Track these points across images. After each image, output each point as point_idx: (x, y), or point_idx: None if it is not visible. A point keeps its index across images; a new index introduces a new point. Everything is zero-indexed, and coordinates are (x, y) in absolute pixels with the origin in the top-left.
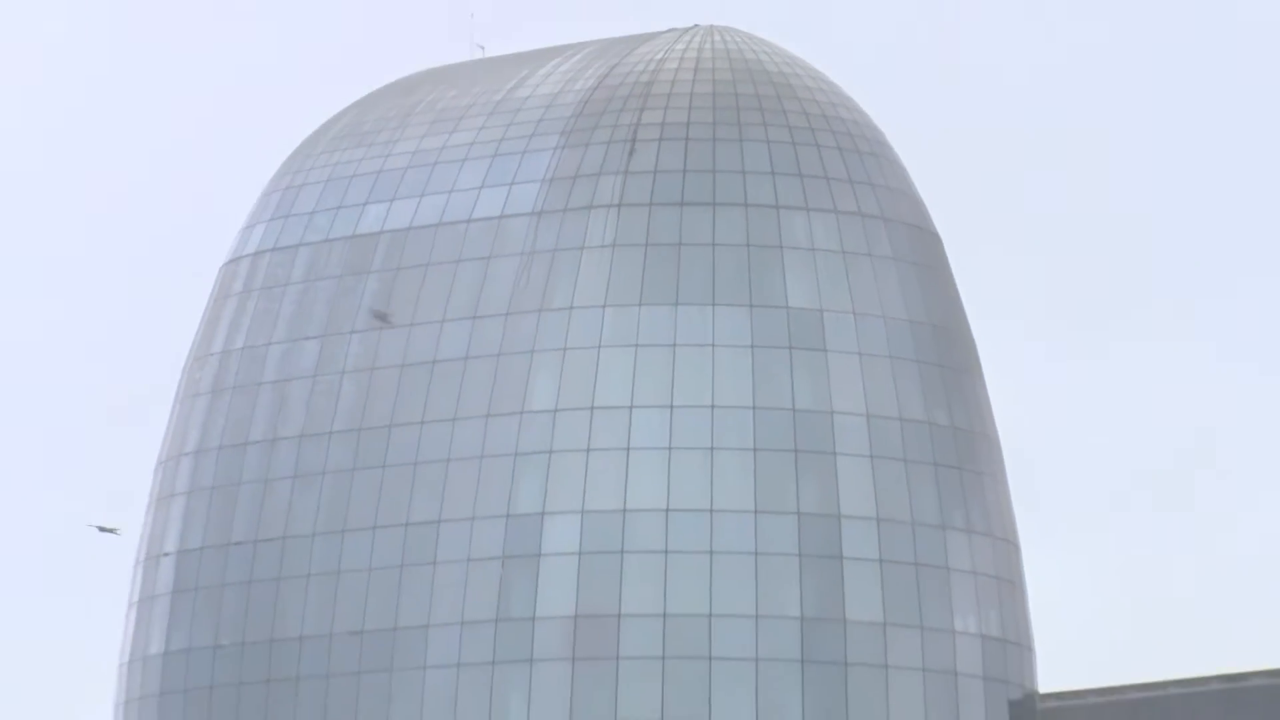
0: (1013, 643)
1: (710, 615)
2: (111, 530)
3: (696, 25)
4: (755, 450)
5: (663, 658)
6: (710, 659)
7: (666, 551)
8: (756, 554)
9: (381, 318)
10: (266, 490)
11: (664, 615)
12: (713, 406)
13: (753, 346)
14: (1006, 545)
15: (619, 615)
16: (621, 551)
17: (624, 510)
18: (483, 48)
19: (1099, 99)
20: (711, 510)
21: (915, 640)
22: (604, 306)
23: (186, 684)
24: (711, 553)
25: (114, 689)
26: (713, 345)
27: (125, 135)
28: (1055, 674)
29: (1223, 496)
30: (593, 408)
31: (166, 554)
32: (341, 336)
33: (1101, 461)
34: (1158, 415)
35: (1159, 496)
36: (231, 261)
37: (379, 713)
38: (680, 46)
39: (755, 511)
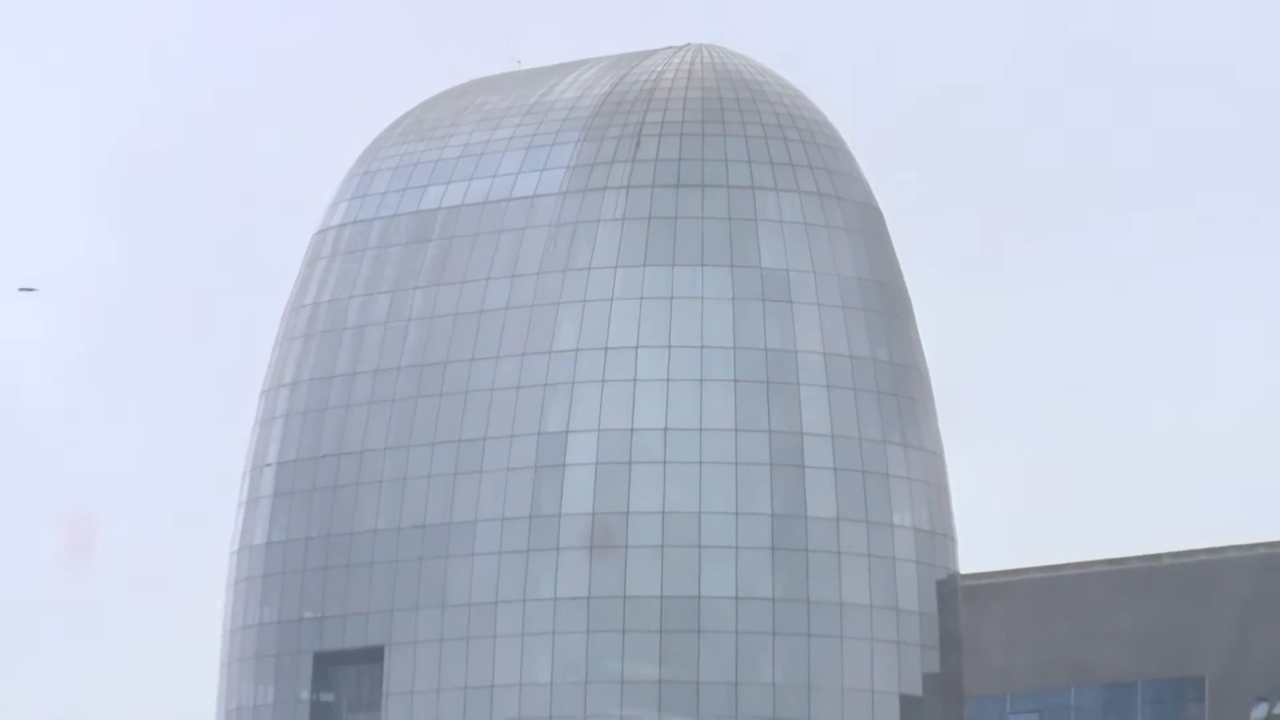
0: (939, 534)
1: (700, 513)
2: (30, 289)
3: (689, 44)
4: (735, 381)
5: (661, 546)
6: (700, 547)
7: (665, 462)
8: (736, 464)
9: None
10: (347, 414)
11: (663, 513)
12: (701, 347)
13: (733, 299)
14: (934, 456)
15: (627, 513)
16: (630, 462)
17: (631, 430)
18: (519, 61)
19: (1010, 99)
20: (701, 429)
21: (862, 532)
22: (615, 268)
23: (284, 568)
24: (701, 463)
25: (226, 572)
26: (701, 298)
27: (239, 128)
28: (973, 559)
29: (1108, 414)
30: (606, 348)
31: (268, 465)
32: (407, 292)
33: (1009, 385)
34: (1055, 351)
35: (1057, 413)
36: (320, 232)
37: (436, 591)
38: (676, 61)
39: (735, 430)
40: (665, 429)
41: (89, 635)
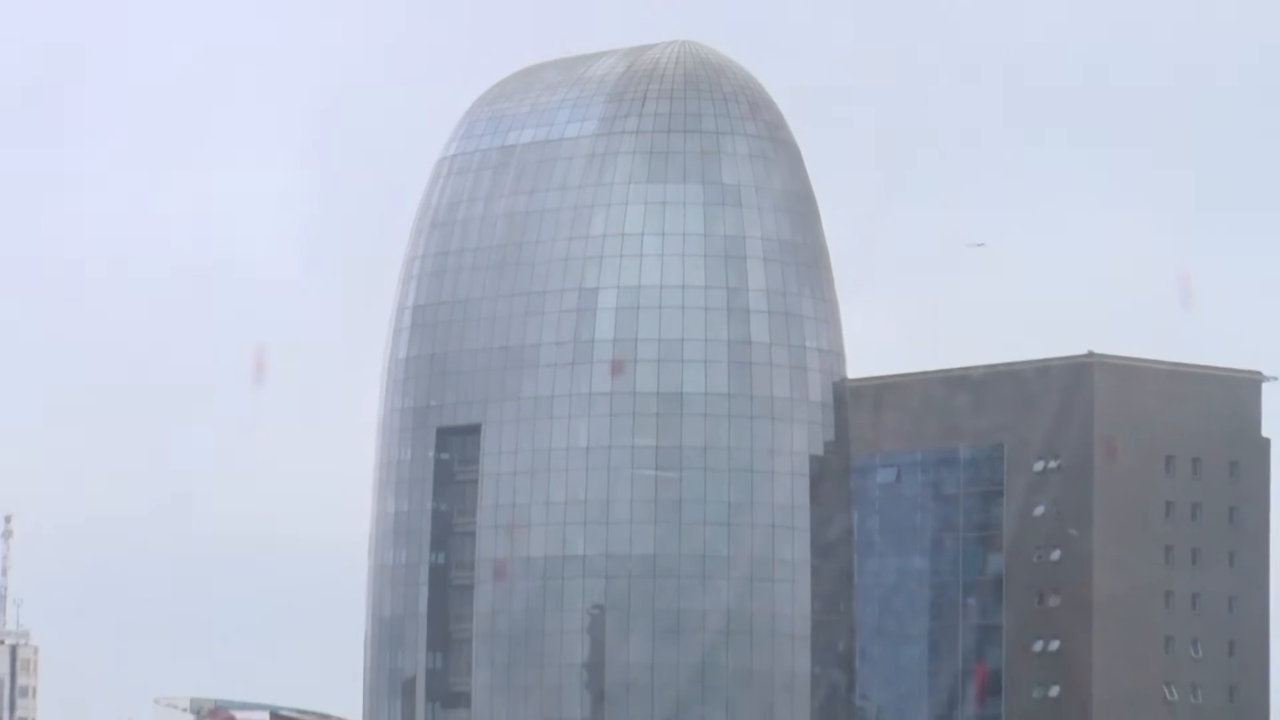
0: (834, 353)
1: (683, 340)
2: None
3: (677, 40)
4: (705, 256)
5: (658, 360)
6: (682, 361)
7: (660, 307)
8: (706, 309)
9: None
10: (457, 276)
11: (659, 340)
12: (684, 234)
13: (704, 204)
14: (832, 304)
15: (636, 340)
16: (638, 307)
17: (639, 286)
18: (567, 48)
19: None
20: (683, 287)
21: (785, 352)
22: (629, 184)
23: (417, 373)
24: (683, 308)
25: (380, 377)
26: (684, 203)
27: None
28: (856, 369)
29: (954, 276)
30: (623, 235)
31: (408, 308)
32: (496, 198)
33: (885, 254)
34: (917, 225)
35: (918, 273)
36: (441, 160)
37: (514, 388)
38: (669, 52)
39: (705, 287)
40: (660, 286)
41: (277, 426)
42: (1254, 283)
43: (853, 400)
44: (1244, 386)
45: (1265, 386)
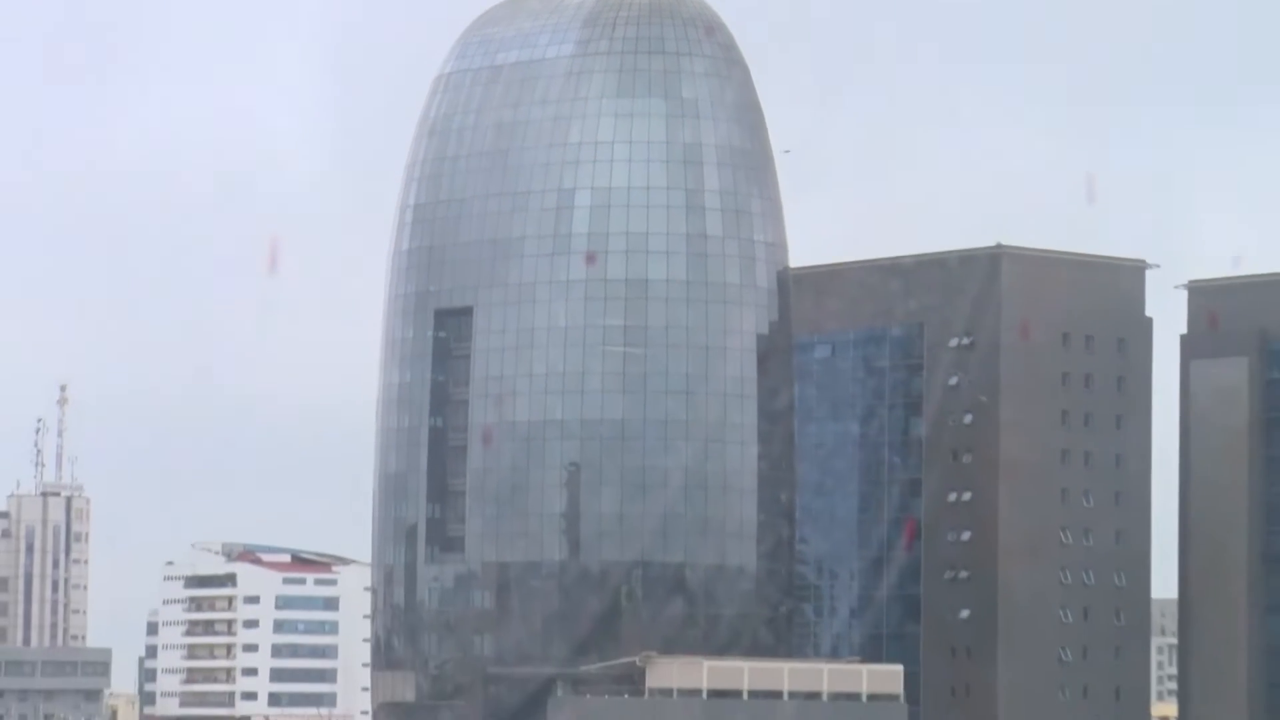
0: (778, 245)
1: (647, 234)
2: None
3: None
4: (667, 161)
5: (626, 252)
6: (646, 253)
7: (628, 206)
8: (668, 207)
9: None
10: (453, 177)
11: (627, 233)
12: (649, 142)
13: (666, 115)
14: (776, 203)
15: (607, 233)
16: (609, 205)
17: (609, 188)
18: None
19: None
20: (648, 188)
21: (735, 244)
22: (601, 98)
23: (418, 263)
24: (648, 206)
25: (386, 268)
26: (649, 115)
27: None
28: (798, 259)
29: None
30: (596, 142)
31: (410, 205)
32: (487, 111)
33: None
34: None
35: (853, 173)
36: (438, 77)
37: (502, 274)
38: None
39: (667, 188)
40: (628, 187)
41: (300, 308)
42: (1141, 180)
43: (795, 286)
44: (1130, 273)
45: (1148, 273)
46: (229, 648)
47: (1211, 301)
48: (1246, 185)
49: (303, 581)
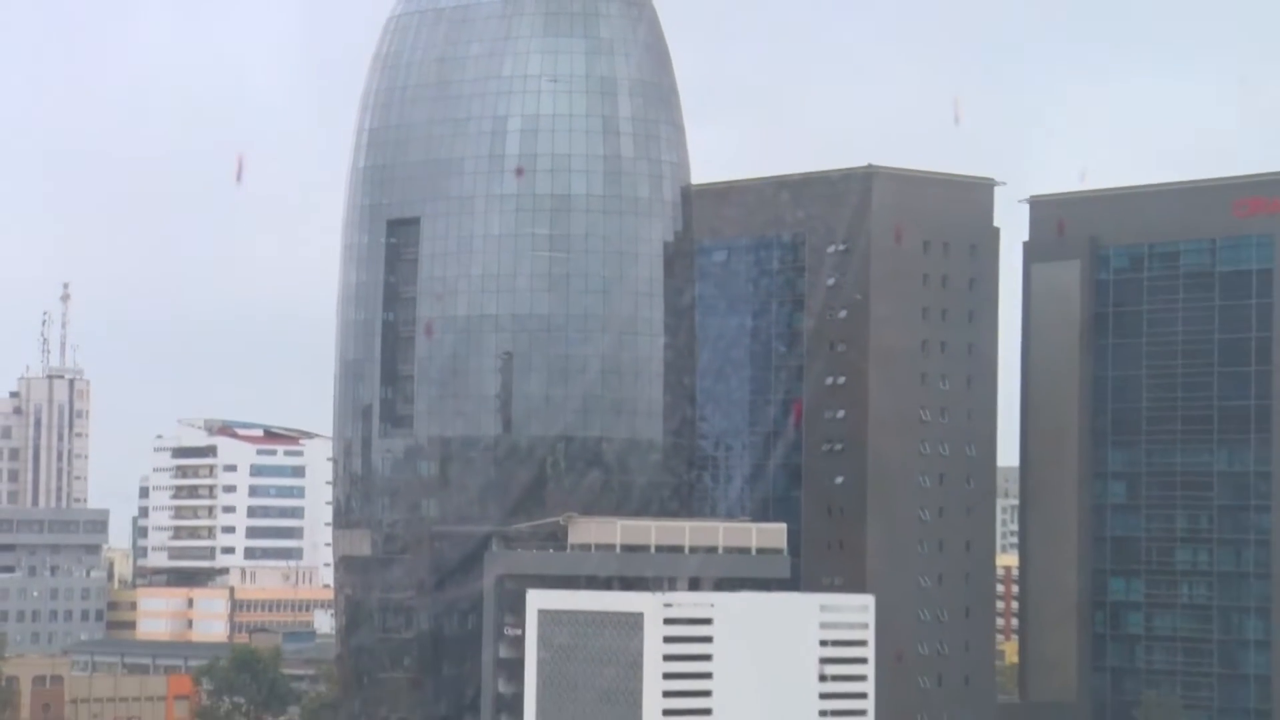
0: (682, 164)
1: (570, 155)
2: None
3: None
4: (587, 92)
5: (551, 171)
6: (570, 172)
7: (553, 131)
8: (587, 131)
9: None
10: (401, 108)
11: (552, 154)
12: (571, 76)
13: (586, 53)
14: (680, 129)
15: (535, 154)
16: (536, 130)
17: (538, 114)
18: None
19: None
20: (570, 115)
21: (645, 165)
22: (530, 37)
23: (371, 180)
24: (570, 131)
25: (345, 185)
26: (571, 53)
27: None
28: (698, 176)
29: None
30: (526, 76)
31: (365, 130)
32: (431, 48)
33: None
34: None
35: (756, 107)
36: (389, 19)
37: (444, 188)
38: None
39: (586, 115)
40: (554, 114)
41: (273, 216)
42: (1001, 105)
43: (696, 200)
44: (981, 189)
45: (996, 190)
46: (210, 509)
47: (1050, 213)
48: (1094, 111)
49: (274, 453)
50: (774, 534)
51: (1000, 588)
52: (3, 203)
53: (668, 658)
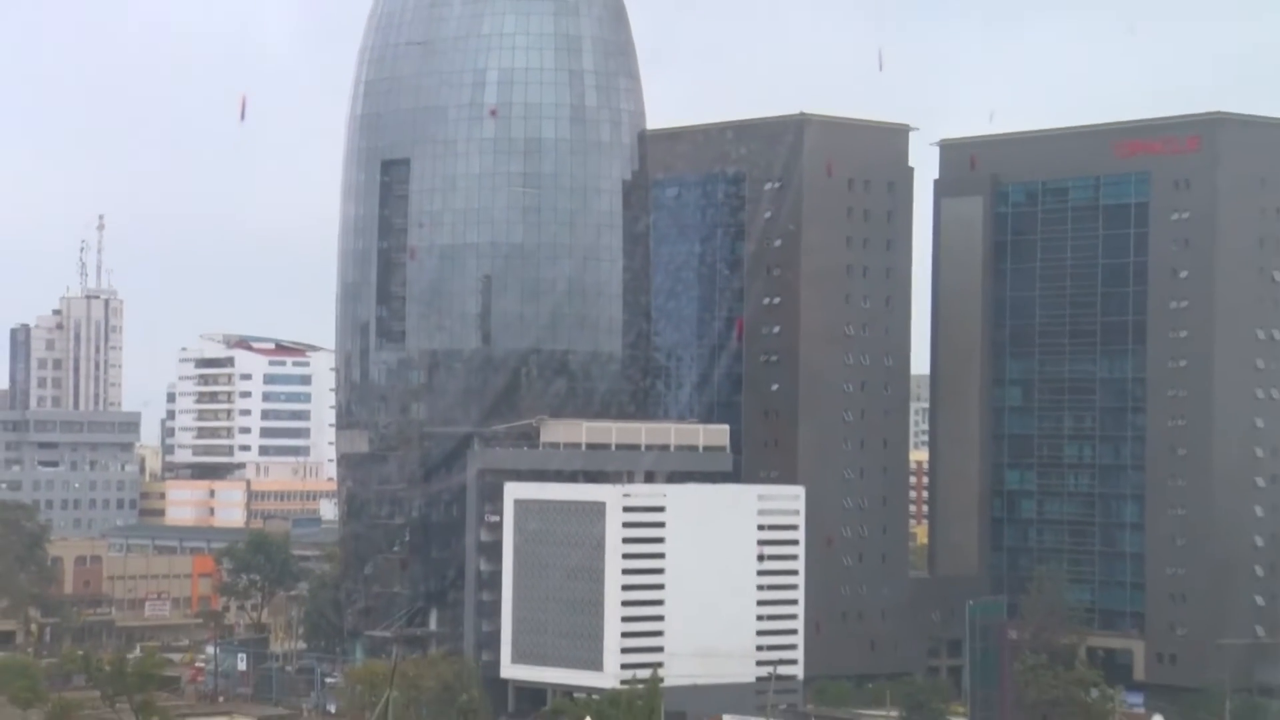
0: (638, 111)
1: (540, 104)
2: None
3: None
4: (556, 49)
5: (525, 118)
6: (540, 119)
7: (526, 84)
8: (556, 84)
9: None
10: (394, 63)
11: (525, 103)
12: (542, 34)
13: (555, 13)
14: (637, 80)
15: (510, 102)
16: (511, 82)
17: (513, 68)
18: None
19: None
20: (541, 68)
21: (607, 114)
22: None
23: (368, 125)
24: (542, 84)
25: (345, 132)
26: (541, 13)
27: None
28: (653, 122)
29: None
30: (502, 34)
31: (362, 81)
32: (420, 9)
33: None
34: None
35: (706, 61)
36: None
37: (431, 131)
38: None
39: (555, 69)
40: (527, 68)
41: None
42: (921, 54)
43: (651, 143)
44: (898, 134)
45: (911, 134)
46: (229, 412)
47: (958, 155)
48: (1001, 60)
49: (284, 363)
50: (718, 434)
51: (913, 479)
52: (46, 144)
53: (626, 540)
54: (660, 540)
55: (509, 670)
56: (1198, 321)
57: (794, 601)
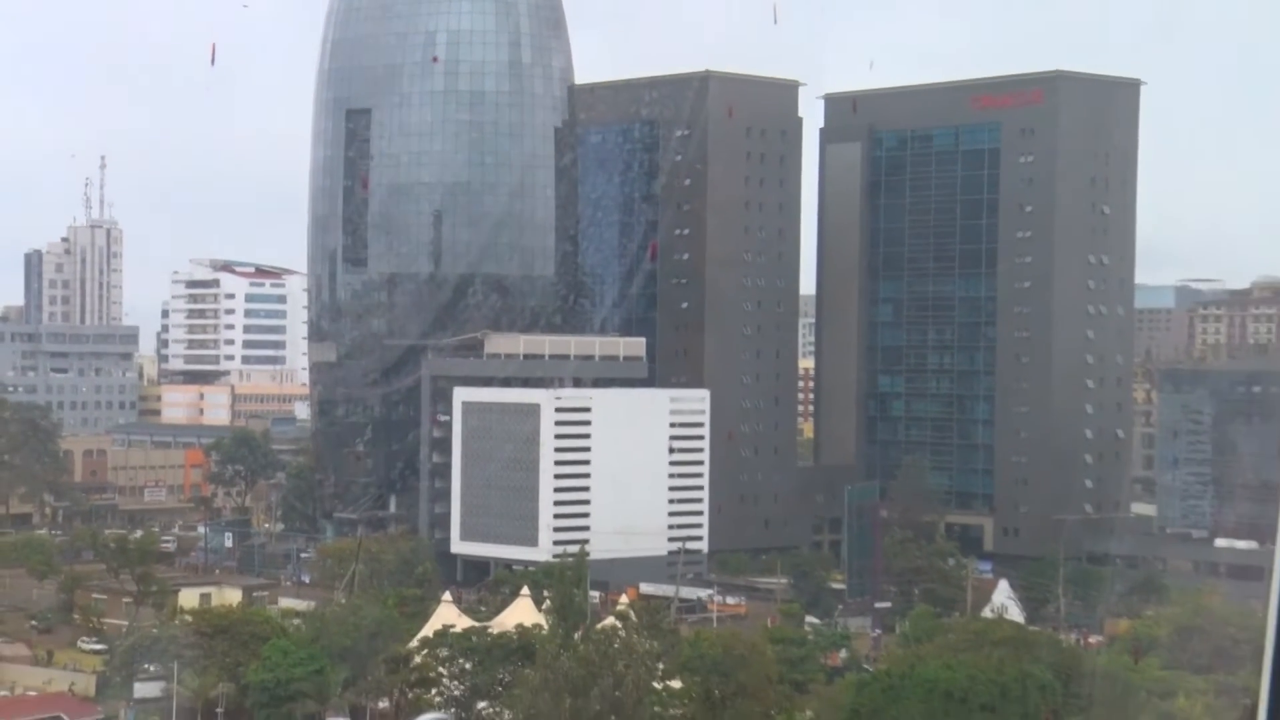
0: (569, 68)
1: (495, 60)
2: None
3: None
4: (496, 13)
5: (482, 74)
6: (493, 75)
7: (482, 44)
8: (497, 44)
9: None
10: (364, 25)
11: (471, 61)
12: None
13: None
14: (566, 43)
15: (459, 60)
16: (459, 42)
17: (459, 30)
18: None
19: None
20: (484, 30)
21: (541, 69)
22: None
23: (338, 77)
24: (496, 44)
25: (313, 90)
26: None
27: None
28: (582, 78)
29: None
30: (460, 13)
31: (329, 40)
32: None
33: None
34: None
35: (629, 22)
36: None
37: (403, 81)
38: None
39: (496, 31)
40: (472, 30)
41: (255, 107)
42: (805, 12)
43: (579, 94)
44: (789, 89)
45: (800, 90)
46: (215, 326)
47: (840, 106)
48: (879, 18)
49: (263, 285)
50: (636, 345)
51: (801, 384)
52: (53, 92)
53: (558, 436)
54: (587, 436)
55: (458, 546)
56: (1040, 249)
57: (700, 487)
